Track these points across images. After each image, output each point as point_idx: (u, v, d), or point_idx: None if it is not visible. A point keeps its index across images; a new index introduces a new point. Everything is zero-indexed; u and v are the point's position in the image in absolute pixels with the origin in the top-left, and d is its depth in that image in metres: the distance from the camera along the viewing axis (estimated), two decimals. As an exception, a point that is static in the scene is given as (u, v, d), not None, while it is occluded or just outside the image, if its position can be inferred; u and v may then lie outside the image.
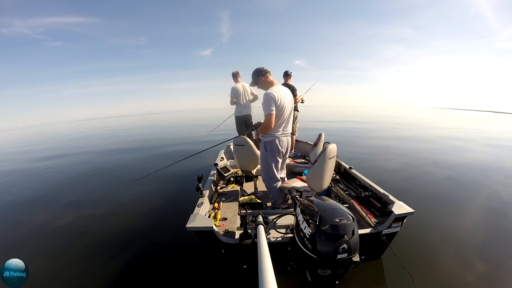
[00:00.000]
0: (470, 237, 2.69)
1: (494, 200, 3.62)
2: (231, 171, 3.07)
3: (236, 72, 4.34)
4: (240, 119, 4.41)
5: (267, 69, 2.30)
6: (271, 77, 2.31)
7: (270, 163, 2.40)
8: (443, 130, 13.67)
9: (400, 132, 12.75)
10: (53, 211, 3.93)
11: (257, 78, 2.31)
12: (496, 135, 11.57)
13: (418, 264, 2.18)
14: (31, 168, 7.31)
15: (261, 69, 2.30)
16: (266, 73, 2.28)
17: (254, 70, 2.34)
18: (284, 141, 2.37)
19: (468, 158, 6.18)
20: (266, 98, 2.15)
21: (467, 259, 2.32)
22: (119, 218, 3.48)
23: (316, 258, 1.30)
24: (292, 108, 2.40)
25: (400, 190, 3.84)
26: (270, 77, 2.30)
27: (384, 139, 9.85)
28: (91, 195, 4.51)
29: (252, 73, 2.34)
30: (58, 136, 18.80)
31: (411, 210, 1.90)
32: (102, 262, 2.47)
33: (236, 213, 2.23)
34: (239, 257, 1.86)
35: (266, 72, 2.29)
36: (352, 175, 2.99)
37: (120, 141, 13.03)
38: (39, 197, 4.71)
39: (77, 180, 5.65)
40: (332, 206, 1.41)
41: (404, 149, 7.64)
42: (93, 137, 16.70)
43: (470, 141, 9.11)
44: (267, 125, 2.19)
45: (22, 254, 2.06)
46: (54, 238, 3.02)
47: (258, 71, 2.30)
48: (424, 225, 2.82)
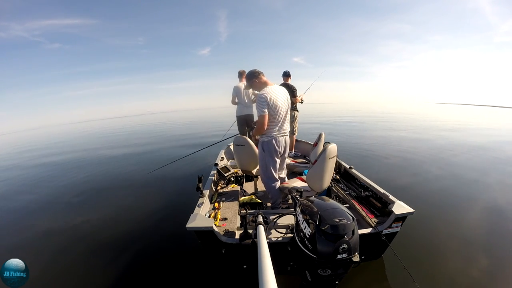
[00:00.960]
0: (471, 236, 2.68)
1: (496, 199, 3.60)
2: (231, 171, 3.07)
3: (243, 71, 4.31)
4: (241, 119, 4.41)
5: (260, 70, 2.35)
6: (264, 78, 2.34)
7: (268, 163, 2.41)
8: (439, 123, 13.80)
9: (392, 125, 12.81)
10: (53, 212, 3.94)
11: (251, 80, 2.36)
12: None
13: (418, 264, 2.18)
14: (28, 171, 7.34)
15: (254, 71, 2.34)
16: (258, 74, 2.32)
17: (247, 73, 2.40)
18: (281, 141, 2.37)
19: (466, 155, 6.17)
20: (258, 100, 2.20)
21: (468, 258, 2.32)
22: (119, 218, 3.48)
23: (316, 258, 1.30)
24: (288, 107, 2.40)
25: (401, 187, 3.85)
26: (263, 78, 2.34)
27: (374, 130, 9.87)
28: (91, 197, 4.52)
29: (245, 76, 2.37)
30: (57, 139, 18.70)
31: (411, 210, 1.90)
32: (102, 262, 2.48)
33: (236, 213, 2.23)
34: (239, 257, 1.86)
35: (259, 73, 2.32)
36: (352, 175, 2.99)
37: (118, 144, 13.04)
38: (39, 199, 4.72)
39: (77, 182, 5.65)
40: (332, 206, 1.41)
41: (402, 144, 7.64)
42: (92, 139, 16.64)
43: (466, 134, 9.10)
44: (260, 126, 2.23)
45: (22, 254, 2.07)
46: (55, 238, 3.02)
47: (251, 73, 2.35)
48: (425, 225, 2.81)
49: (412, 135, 9.75)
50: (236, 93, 4.28)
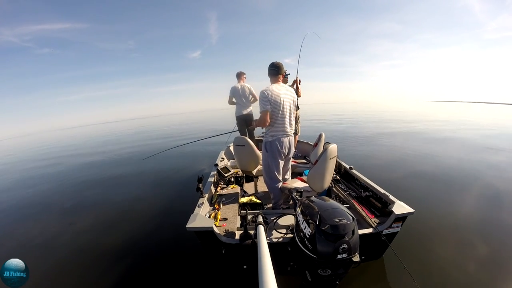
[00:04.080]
0: (471, 236, 2.68)
1: (495, 196, 3.60)
2: (231, 172, 3.06)
3: (240, 73, 4.36)
4: (240, 119, 4.41)
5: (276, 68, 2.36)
6: (276, 77, 2.37)
7: (270, 164, 2.41)
8: (430, 122, 13.85)
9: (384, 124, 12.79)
10: (53, 213, 3.94)
11: (269, 76, 2.42)
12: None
13: (418, 264, 2.17)
14: (25, 175, 7.34)
15: (278, 67, 2.37)
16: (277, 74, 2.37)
17: (273, 64, 2.42)
18: (285, 142, 2.37)
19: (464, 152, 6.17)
20: (260, 97, 2.29)
21: (469, 258, 2.31)
22: (119, 219, 3.48)
23: (316, 258, 1.30)
24: (293, 108, 2.41)
25: (401, 186, 3.84)
26: (276, 77, 2.37)
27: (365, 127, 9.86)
28: (91, 198, 4.52)
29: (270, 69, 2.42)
30: (50, 145, 18.26)
31: (411, 210, 1.90)
32: (102, 261, 2.48)
33: (236, 214, 2.23)
34: (239, 257, 1.86)
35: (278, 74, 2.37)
36: (352, 175, 2.98)
37: (116, 146, 13.03)
38: (39, 199, 4.72)
39: (77, 184, 5.66)
40: (332, 206, 1.41)
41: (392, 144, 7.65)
42: (85, 143, 16.36)
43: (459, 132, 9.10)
44: (262, 121, 2.29)
45: (22, 255, 2.07)
46: (55, 238, 3.02)
47: (277, 67, 2.37)
48: (425, 225, 2.81)
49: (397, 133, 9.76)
50: (233, 93, 4.29)
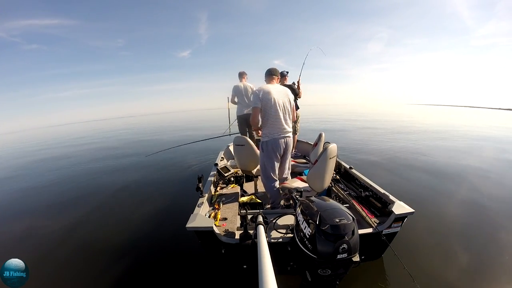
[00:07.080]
0: (471, 235, 2.68)
1: (496, 196, 3.60)
2: (231, 171, 3.06)
3: (242, 72, 4.40)
4: (241, 118, 4.41)
5: (273, 71, 2.48)
6: (271, 77, 2.47)
7: (266, 164, 2.43)
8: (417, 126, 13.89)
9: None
10: (52, 213, 3.93)
11: (265, 78, 2.54)
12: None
13: (418, 264, 2.17)
14: (19, 173, 7.33)
15: (272, 70, 2.50)
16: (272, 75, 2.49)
17: (270, 70, 2.55)
18: (280, 142, 2.37)
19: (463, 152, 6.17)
20: (252, 94, 2.41)
21: (469, 258, 2.31)
22: (119, 219, 3.48)
23: (316, 258, 1.30)
24: (289, 108, 2.42)
25: (400, 187, 3.84)
26: (270, 77, 2.47)
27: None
28: (91, 198, 4.50)
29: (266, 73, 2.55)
30: (40, 142, 18.15)
31: (411, 210, 1.90)
32: (102, 261, 2.48)
33: (236, 213, 2.23)
34: (239, 257, 1.86)
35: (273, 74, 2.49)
36: (352, 175, 2.98)
37: (113, 145, 13.03)
38: (39, 200, 4.72)
39: (76, 184, 5.65)
40: (332, 206, 1.41)
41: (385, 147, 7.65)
42: (80, 141, 16.24)
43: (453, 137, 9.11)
44: (251, 117, 2.37)
45: (22, 255, 2.06)
46: (55, 239, 3.02)
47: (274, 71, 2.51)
48: (425, 225, 2.81)
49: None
50: (235, 92, 4.29)
